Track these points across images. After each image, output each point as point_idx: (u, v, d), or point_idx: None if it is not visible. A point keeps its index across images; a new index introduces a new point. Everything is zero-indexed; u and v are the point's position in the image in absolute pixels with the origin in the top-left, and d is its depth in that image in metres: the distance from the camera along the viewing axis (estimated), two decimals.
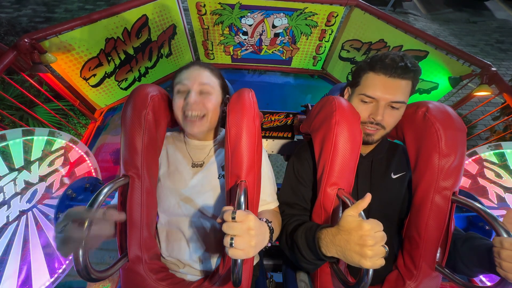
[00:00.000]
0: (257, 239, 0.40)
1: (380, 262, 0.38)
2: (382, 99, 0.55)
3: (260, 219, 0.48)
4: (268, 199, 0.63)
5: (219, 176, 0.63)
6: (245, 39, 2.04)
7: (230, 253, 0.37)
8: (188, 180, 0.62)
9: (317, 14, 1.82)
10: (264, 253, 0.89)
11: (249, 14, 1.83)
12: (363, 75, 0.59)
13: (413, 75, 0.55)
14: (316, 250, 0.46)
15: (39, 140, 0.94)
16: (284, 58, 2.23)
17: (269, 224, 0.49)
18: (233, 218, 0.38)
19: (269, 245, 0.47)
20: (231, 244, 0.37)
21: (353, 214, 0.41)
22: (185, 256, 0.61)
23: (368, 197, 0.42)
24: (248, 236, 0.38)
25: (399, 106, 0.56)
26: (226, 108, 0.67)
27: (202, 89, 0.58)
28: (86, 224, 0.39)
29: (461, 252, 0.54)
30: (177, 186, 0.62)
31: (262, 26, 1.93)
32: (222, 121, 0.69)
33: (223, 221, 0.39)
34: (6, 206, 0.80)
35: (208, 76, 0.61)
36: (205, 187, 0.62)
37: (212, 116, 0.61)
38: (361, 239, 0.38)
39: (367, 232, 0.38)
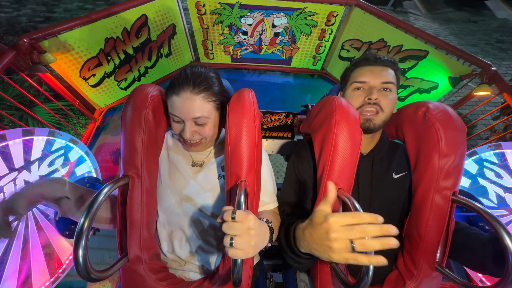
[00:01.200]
0: (257, 239, 0.40)
1: (347, 256, 0.35)
2: (373, 81, 0.60)
3: (260, 219, 0.48)
4: (267, 200, 0.63)
5: (219, 176, 0.63)
6: (245, 39, 2.04)
7: (230, 253, 0.37)
8: (188, 179, 0.62)
9: (317, 13, 1.81)
10: (264, 253, 0.89)
11: (248, 13, 1.82)
12: (351, 73, 0.66)
13: (393, 65, 0.62)
14: (292, 247, 0.46)
15: (39, 140, 0.94)
16: (284, 57, 2.23)
17: (269, 224, 0.49)
18: (233, 218, 0.38)
19: (269, 245, 0.47)
20: (231, 244, 0.37)
21: (323, 208, 0.40)
22: (186, 254, 0.62)
23: (331, 187, 0.42)
24: (248, 236, 0.38)
25: (390, 87, 0.60)
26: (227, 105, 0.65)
27: (196, 121, 0.55)
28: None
29: (492, 252, 0.50)
30: (177, 186, 0.62)
31: (262, 26, 1.93)
32: (222, 121, 0.69)
33: (223, 221, 0.39)
34: None
35: (200, 107, 0.53)
36: (205, 187, 0.62)
37: (210, 138, 0.60)
38: (326, 232, 0.37)
39: (330, 225, 0.36)
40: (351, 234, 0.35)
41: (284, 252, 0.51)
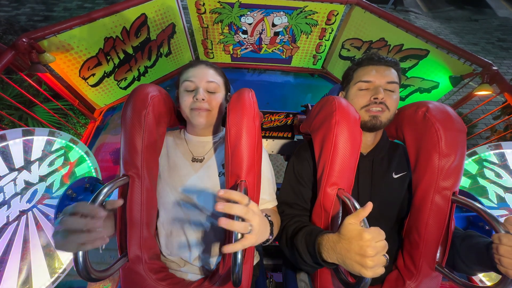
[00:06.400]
0: (260, 227, 0.40)
1: (380, 271, 0.38)
2: (378, 81, 0.61)
3: None
4: (267, 198, 0.63)
5: (219, 174, 0.63)
6: (244, 38, 2.03)
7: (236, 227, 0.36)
8: (188, 175, 0.62)
9: (317, 12, 1.80)
10: (264, 253, 0.89)
11: (248, 12, 1.82)
12: (354, 73, 0.66)
13: (395, 65, 0.63)
14: (316, 255, 0.46)
15: (39, 140, 0.94)
16: (284, 57, 2.22)
17: (269, 218, 0.50)
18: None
19: (271, 237, 0.48)
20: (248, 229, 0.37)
21: (354, 222, 0.41)
22: (186, 254, 0.62)
23: (369, 206, 0.41)
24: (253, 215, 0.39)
25: (394, 87, 0.61)
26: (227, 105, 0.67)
27: (208, 87, 0.62)
28: (86, 215, 0.37)
29: (460, 250, 0.54)
30: (176, 182, 0.62)
31: (262, 25, 1.92)
32: (222, 119, 0.69)
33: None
34: (6, 206, 0.80)
35: (213, 75, 0.64)
36: (205, 184, 0.62)
37: (216, 113, 0.64)
38: (362, 249, 0.37)
39: (367, 243, 0.37)
40: (385, 249, 0.38)
41: (301, 258, 0.51)
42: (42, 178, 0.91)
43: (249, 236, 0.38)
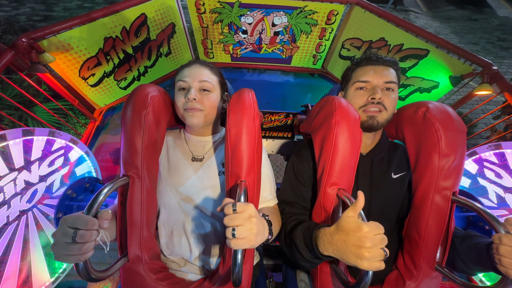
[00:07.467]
0: (258, 227, 0.40)
1: (377, 265, 0.37)
2: (376, 81, 0.60)
3: None
4: (269, 197, 0.63)
5: (219, 173, 0.63)
6: (244, 38, 2.03)
7: (233, 243, 0.38)
8: (188, 175, 0.63)
9: (317, 12, 1.80)
10: (264, 253, 0.89)
11: (248, 12, 1.81)
12: (352, 73, 0.65)
13: (394, 65, 0.62)
14: (313, 248, 0.46)
15: (39, 140, 0.94)
16: (284, 57, 2.22)
17: (266, 217, 0.50)
18: (234, 210, 0.39)
19: (270, 237, 0.48)
20: (233, 235, 0.37)
21: (353, 215, 0.42)
22: (186, 254, 0.62)
23: (361, 196, 0.42)
24: (250, 224, 0.39)
25: (392, 86, 0.60)
26: (225, 105, 0.68)
27: (201, 86, 0.61)
28: (83, 236, 0.38)
29: (460, 250, 0.55)
30: (176, 182, 0.62)
31: (262, 25, 1.92)
32: (221, 119, 0.69)
33: (225, 214, 0.39)
34: (6, 206, 0.80)
35: (208, 74, 0.63)
36: (205, 184, 0.62)
37: (210, 112, 0.63)
38: (359, 240, 0.38)
39: (365, 234, 0.38)
40: (383, 243, 0.38)
41: (298, 252, 0.51)
42: (42, 178, 0.91)
43: (234, 240, 0.38)
